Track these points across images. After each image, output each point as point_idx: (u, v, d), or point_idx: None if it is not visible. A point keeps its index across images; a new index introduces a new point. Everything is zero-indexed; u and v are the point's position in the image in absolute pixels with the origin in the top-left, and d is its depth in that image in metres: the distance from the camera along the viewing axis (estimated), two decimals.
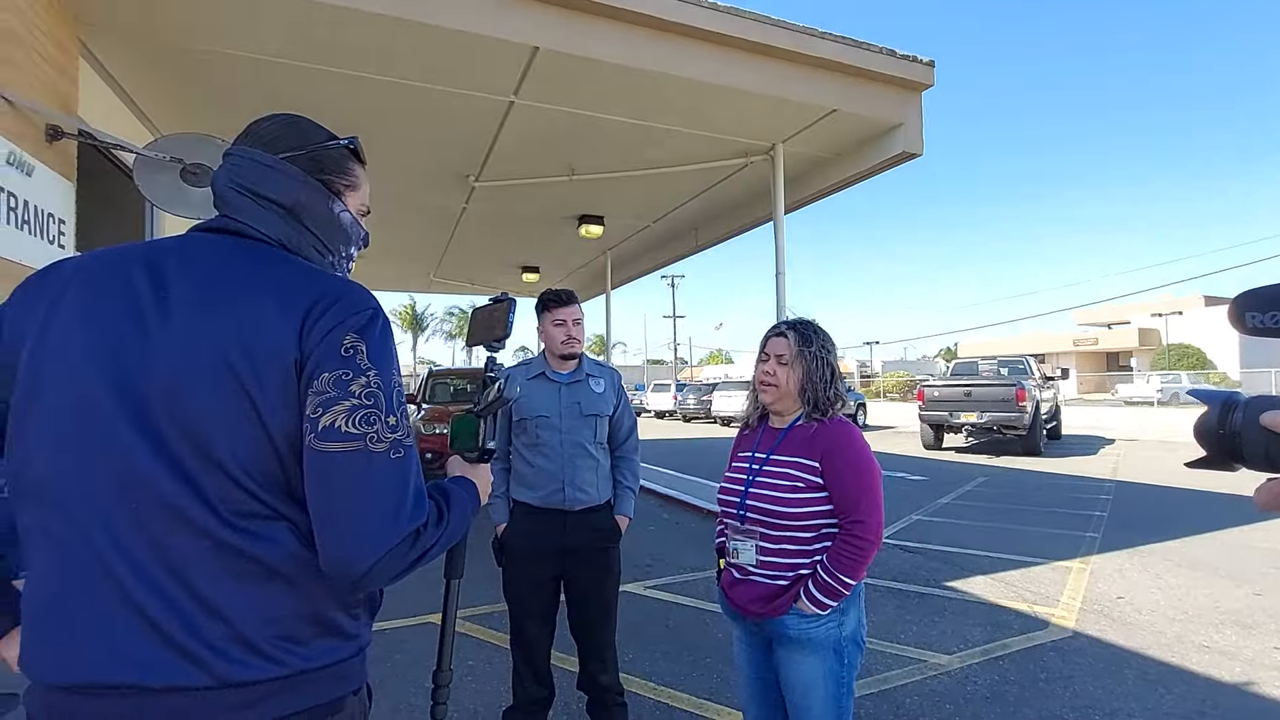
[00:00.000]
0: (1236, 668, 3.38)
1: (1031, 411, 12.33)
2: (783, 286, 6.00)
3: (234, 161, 1.01)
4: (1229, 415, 0.65)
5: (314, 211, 1.02)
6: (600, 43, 4.27)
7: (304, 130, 1.06)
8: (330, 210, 1.04)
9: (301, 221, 1.01)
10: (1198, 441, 0.69)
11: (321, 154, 1.05)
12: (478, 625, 3.92)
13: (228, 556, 0.83)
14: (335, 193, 1.06)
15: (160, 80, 4.42)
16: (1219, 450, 0.67)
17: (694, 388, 28.90)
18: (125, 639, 0.80)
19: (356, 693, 0.96)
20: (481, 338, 1.39)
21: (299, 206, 1.00)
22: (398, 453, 0.88)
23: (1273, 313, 0.66)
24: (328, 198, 1.04)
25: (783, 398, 1.88)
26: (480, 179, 6.57)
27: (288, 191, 0.99)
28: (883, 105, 5.33)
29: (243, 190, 0.98)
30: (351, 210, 1.09)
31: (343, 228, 1.07)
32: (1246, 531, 6.33)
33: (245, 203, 0.98)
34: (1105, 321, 47.47)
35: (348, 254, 1.11)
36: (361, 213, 1.13)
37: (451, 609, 1.32)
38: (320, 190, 1.03)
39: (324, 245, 1.04)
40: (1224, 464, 0.68)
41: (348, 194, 1.09)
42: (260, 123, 1.05)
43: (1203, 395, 0.70)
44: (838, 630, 1.76)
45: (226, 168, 1.01)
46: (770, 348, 1.91)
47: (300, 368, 0.86)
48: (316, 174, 1.03)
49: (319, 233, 1.03)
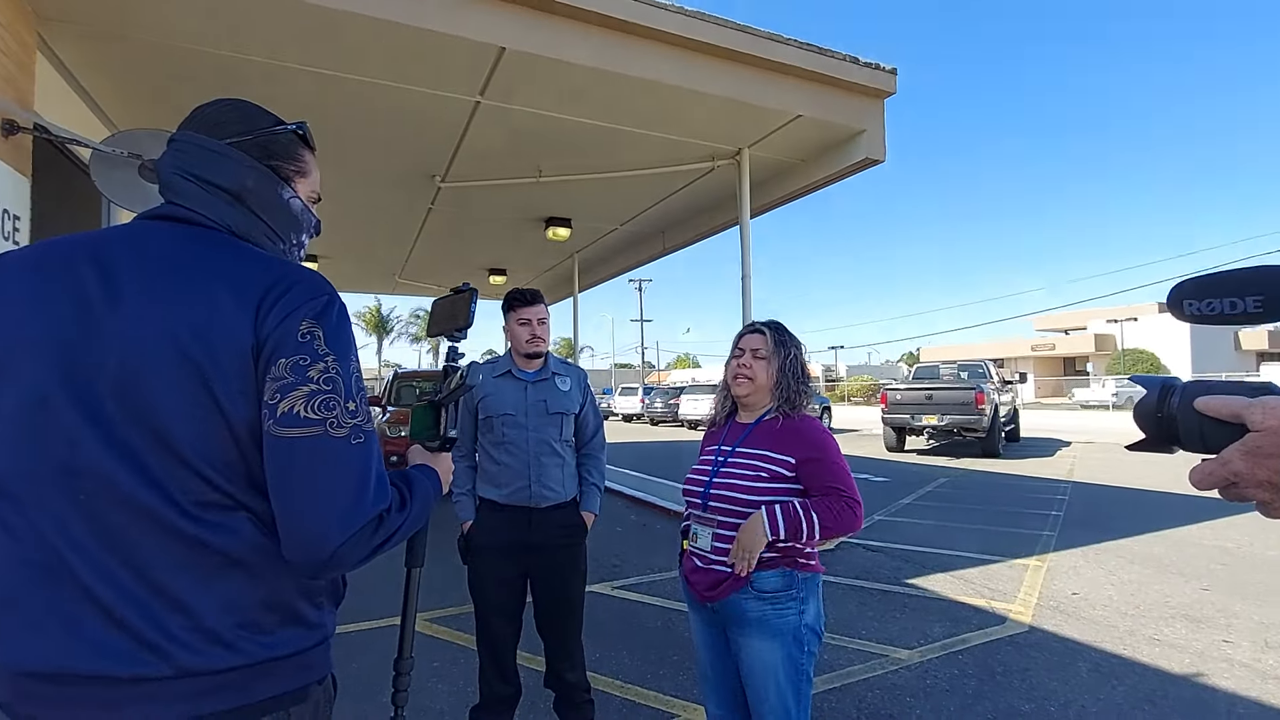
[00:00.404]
0: (1186, 660, 3.51)
1: (990, 414, 12.64)
2: (749, 290, 6.06)
3: (179, 147, 0.99)
4: (1166, 399, 0.67)
5: (263, 197, 1.00)
6: (567, 45, 4.26)
7: (251, 115, 1.04)
8: (279, 196, 1.03)
9: (250, 208, 0.99)
10: (1137, 424, 0.71)
11: (269, 139, 1.03)
12: (444, 626, 3.87)
13: (187, 547, 0.82)
14: (284, 179, 1.04)
15: (119, 75, 4.29)
16: (1157, 433, 0.69)
17: (661, 391, 28.97)
18: (89, 630, 0.79)
19: (321, 681, 0.96)
20: (442, 328, 1.38)
21: (247, 192, 0.98)
22: (358, 438, 0.88)
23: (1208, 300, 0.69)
24: (277, 184, 1.03)
25: (757, 391, 1.92)
26: (446, 179, 6.50)
27: (235, 177, 0.98)
28: (846, 111, 5.42)
29: (189, 176, 0.96)
30: (302, 197, 1.08)
31: (293, 214, 1.05)
32: (1195, 530, 6.58)
33: (192, 189, 0.96)
34: (1063, 327, 48.99)
35: (299, 241, 1.09)
36: (312, 200, 1.11)
37: (412, 598, 1.31)
38: (269, 176, 1.02)
39: (274, 232, 1.03)
40: (1162, 446, 0.70)
41: (297, 180, 1.07)
42: (205, 107, 1.03)
43: (1142, 380, 0.73)
44: (798, 618, 1.78)
45: (172, 153, 0.99)
46: (746, 343, 1.96)
47: (257, 354, 0.85)
48: (265, 160, 1.02)
49: (268, 219, 1.01)
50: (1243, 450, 0.58)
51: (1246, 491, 0.59)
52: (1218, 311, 0.68)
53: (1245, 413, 0.58)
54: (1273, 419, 0.56)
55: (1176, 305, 0.72)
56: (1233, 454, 0.59)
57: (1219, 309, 0.68)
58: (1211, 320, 0.70)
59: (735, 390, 1.95)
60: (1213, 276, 0.69)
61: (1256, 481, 0.58)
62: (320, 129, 1.33)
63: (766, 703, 1.77)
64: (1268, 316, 0.66)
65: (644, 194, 7.29)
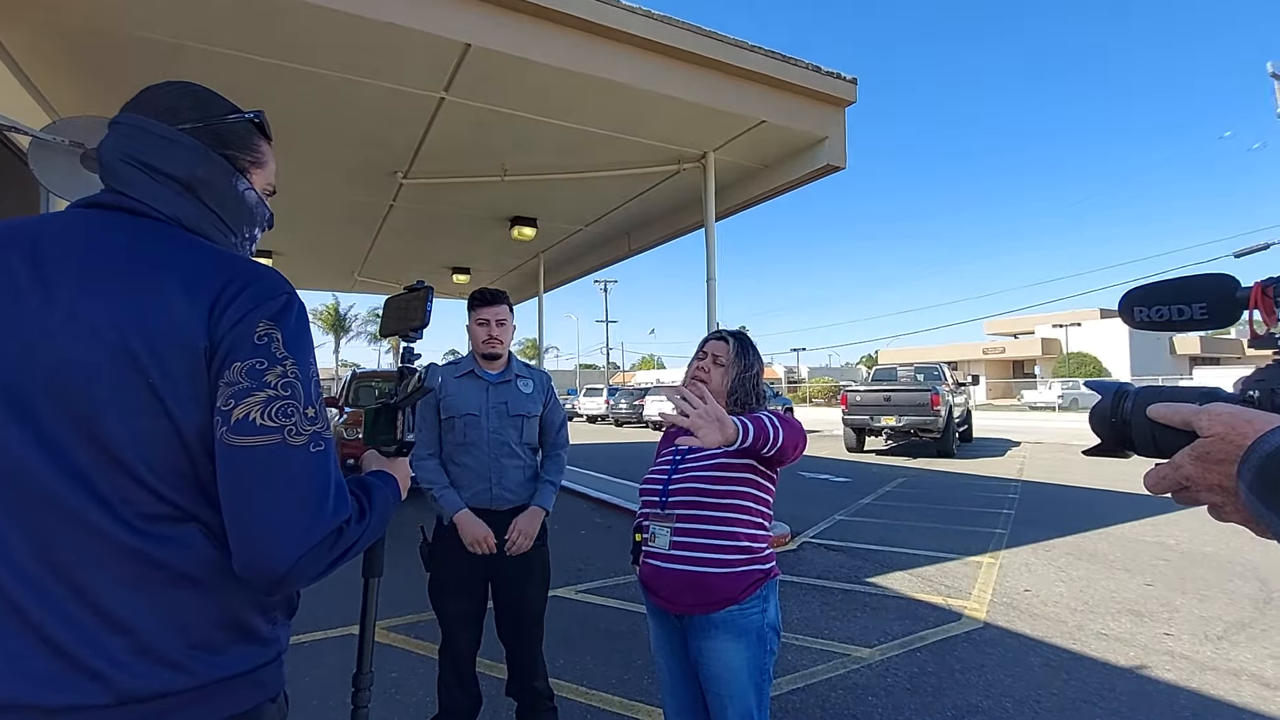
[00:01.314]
0: (1131, 653, 3.64)
1: (945, 416, 12.98)
2: (713, 292, 6.10)
3: (125, 131, 0.92)
4: (1120, 404, 0.69)
5: (215, 189, 0.94)
6: (534, 44, 4.23)
7: (205, 100, 0.97)
8: (234, 187, 0.97)
9: (201, 199, 0.93)
10: (1093, 429, 0.73)
11: (224, 128, 0.97)
12: (401, 635, 3.77)
13: (131, 562, 0.77)
14: (240, 170, 0.98)
15: (62, 61, 4.08)
16: (1111, 437, 0.70)
17: (626, 392, 28.97)
18: (20, 654, 0.74)
19: (275, 700, 0.91)
20: (396, 327, 1.32)
21: (198, 183, 0.92)
22: (317, 446, 0.83)
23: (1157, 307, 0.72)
24: (231, 174, 0.96)
25: (711, 394, 1.91)
26: (409, 176, 6.38)
27: (187, 166, 0.91)
28: (808, 119, 5.51)
29: (135, 163, 0.89)
30: (257, 189, 1.02)
31: (247, 207, 0.99)
32: (1137, 526, 6.86)
33: (139, 177, 0.89)
34: (1012, 331, 50.70)
35: (251, 235, 1.03)
36: (267, 192, 1.05)
37: (371, 609, 1.26)
38: (223, 166, 0.95)
39: (226, 225, 0.96)
40: (1117, 450, 0.71)
41: (253, 171, 1.01)
42: (155, 90, 0.96)
43: (1097, 386, 0.74)
44: (761, 617, 1.78)
45: (116, 137, 0.92)
46: (710, 348, 1.97)
47: (210, 356, 0.80)
48: (219, 149, 0.95)
49: (220, 212, 0.95)
50: (1192, 455, 0.59)
51: (1198, 495, 0.61)
52: (1166, 318, 0.71)
53: (1194, 419, 0.60)
54: (1218, 425, 0.58)
55: (1127, 312, 0.75)
56: (1183, 459, 0.60)
57: (1167, 315, 0.71)
58: (1160, 326, 0.72)
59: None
60: (1159, 285, 0.71)
61: (1207, 485, 0.59)
62: (278, 122, 1.28)
63: (730, 704, 1.76)
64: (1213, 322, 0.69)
65: (610, 195, 7.27)
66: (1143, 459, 0.68)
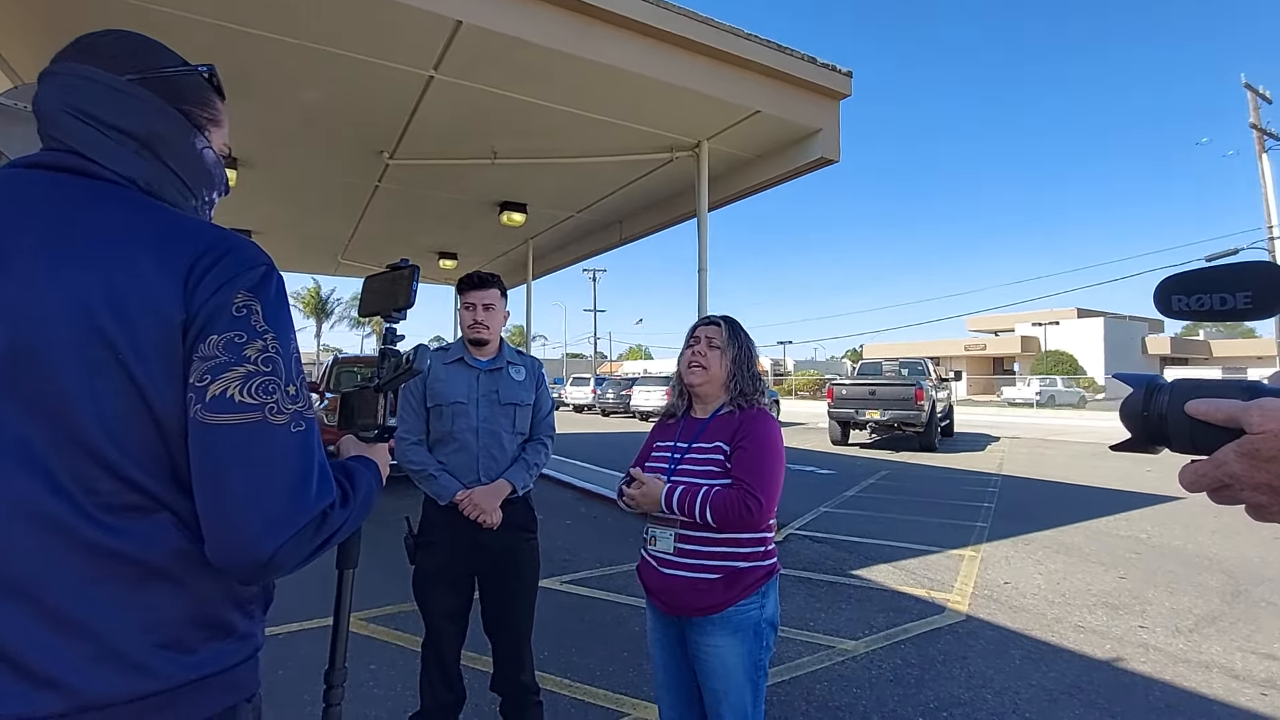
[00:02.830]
0: (1107, 645, 3.70)
1: (929, 410, 13.12)
2: (704, 283, 6.06)
3: (67, 81, 0.82)
4: (1152, 398, 0.65)
5: (174, 146, 0.86)
6: (528, 23, 4.14)
7: (152, 50, 0.88)
8: (192, 144, 0.88)
9: (160, 157, 0.85)
10: (1124, 424, 0.69)
11: (179, 79, 0.88)
12: (381, 626, 3.71)
13: (94, 558, 0.70)
14: (198, 126, 0.90)
15: (26, 25, 3.92)
16: (1143, 433, 0.66)
17: (613, 382, 28.96)
18: None
19: (251, 699, 0.85)
20: (378, 307, 1.24)
21: (155, 138, 0.84)
22: (299, 425, 0.78)
23: (1198, 295, 0.68)
24: (189, 130, 0.88)
25: (710, 381, 1.89)
26: (395, 156, 6.25)
27: (143, 120, 0.83)
28: (803, 110, 5.47)
29: (83, 117, 0.80)
30: (215, 148, 0.94)
31: (206, 167, 0.91)
32: (1112, 521, 6.98)
33: (89, 133, 0.80)
34: (993, 329, 51.32)
35: (209, 199, 0.95)
36: (223, 154, 0.97)
37: (345, 602, 1.19)
38: (179, 120, 0.87)
39: (185, 186, 0.88)
40: (1147, 446, 0.68)
41: (211, 129, 0.93)
42: (96, 37, 0.86)
43: (1127, 378, 0.70)
44: (759, 612, 1.77)
45: (56, 88, 0.82)
46: (702, 332, 1.94)
47: (185, 330, 0.73)
48: (175, 103, 0.87)
49: (180, 171, 0.87)
50: (1239, 452, 0.56)
51: (1242, 494, 0.58)
52: (1208, 307, 0.67)
53: (1242, 416, 0.56)
54: (1272, 422, 0.54)
55: (1164, 301, 0.70)
56: (1228, 456, 0.57)
57: (1209, 304, 0.66)
58: (1201, 316, 0.68)
59: (689, 379, 1.91)
60: (1200, 272, 0.68)
61: (1254, 484, 0.56)
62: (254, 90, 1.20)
63: (725, 700, 1.75)
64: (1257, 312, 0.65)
65: (602, 182, 7.20)
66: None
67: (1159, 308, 0.72)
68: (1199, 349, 47.42)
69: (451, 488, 2.30)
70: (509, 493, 2.34)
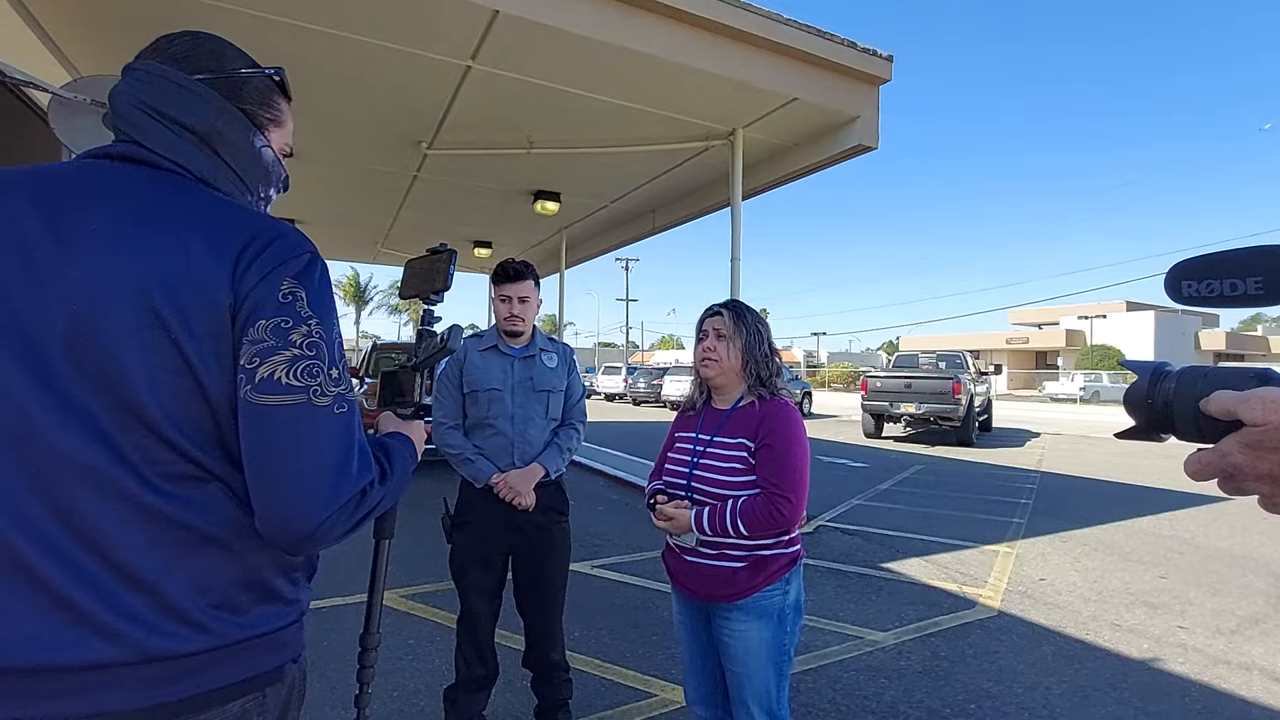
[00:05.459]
0: (1144, 645, 3.62)
1: (966, 404, 12.84)
2: (737, 272, 6.04)
3: (139, 77, 0.88)
4: (1158, 385, 0.64)
5: (231, 142, 0.91)
6: (564, 12, 4.16)
7: (224, 53, 0.94)
8: (250, 143, 0.94)
9: (218, 152, 0.90)
10: (1127, 411, 0.68)
11: (243, 81, 0.94)
12: (420, 603, 3.84)
13: (154, 523, 0.76)
14: (258, 126, 0.95)
15: (83, 18, 4.09)
16: (1148, 420, 0.65)
17: (645, 371, 28.96)
18: (34, 616, 0.72)
19: (296, 660, 0.91)
20: (418, 289, 1.30)
21: (216, 135, 0.89)
22: (341, 407, 0.83)
23: (1206, 281, 0.65)
24: (249, 129, 0.93)
25: (725, 372, 1.89)
26: (433, 146, 6.36)
27: (204, 117, 0.88)
28: (842, 96, 5.39)
29: (149, 111, 0.86)
30: (274, 148, 0.99)
31: (264, 165, 0.96)
32: (1154, 520, 6.77)
33: (154, 126, 0.86)
34: (1036, 321, 49.83)
35: (266, 195, 1.00)
36: (284, 153, 1.02)
37: (381, 571, 1.26)
38: (241, 119, 0.92)
39: (242, 182, 0.93)
40: (1152, 434, 0.66)
41: (271, 129, 0.98)
42: (172, 38, 0.92)
43: (1133, 366, 0.69)
44: (783, 599, 1.79)
45: (130, 83, 0.88)
46: (708, 325, 1.94)
47: (234, 313, 0.78)
48: (237, 102, 0.93)
49: (237, 167, 0.92)
50: (1242, 443, 0.55)
51: (1246, 485, 0.57)
52: (1217, 293, 0.64)
53: (1243, 408, 0.55)
54: (1274, 414, 0.53)
55: (1174, 286, 0.68)
56: (1231, 446, 0.56)
57: (1219, 290, 0.64)
58: (1211, 302, 0.66)
59: (704, 373, 1.92)
60: (1212, 257, 0.65)
61: (1257, 475, 0.55)
62: (303, 86, 1.26)
63: (748, 683, 1.78)
64: (1268, 299, 0.63)
65: (636, 171, 7.20)
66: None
67: (1169, 293, 0.69)
68: (1257, 345, 45.24)
69: (487, 471, 2.37)
70: (542, 476, 2.41)
